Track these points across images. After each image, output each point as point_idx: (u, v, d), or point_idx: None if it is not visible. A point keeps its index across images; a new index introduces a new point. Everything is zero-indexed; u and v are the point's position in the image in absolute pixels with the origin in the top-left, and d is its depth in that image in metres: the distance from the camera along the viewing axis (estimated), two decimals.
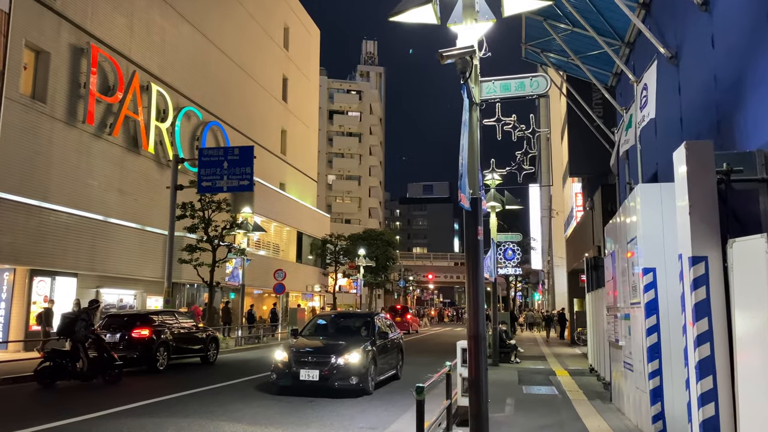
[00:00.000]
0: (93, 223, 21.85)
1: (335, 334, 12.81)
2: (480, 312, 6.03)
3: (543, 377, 14.39)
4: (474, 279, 6.06)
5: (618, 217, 9.13)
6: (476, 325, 5.97)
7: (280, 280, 27.38)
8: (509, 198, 17.67)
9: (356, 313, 15.16)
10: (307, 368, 10.96)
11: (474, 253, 6.11)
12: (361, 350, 11.35)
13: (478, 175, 6.25)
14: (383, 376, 12.46)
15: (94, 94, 22.05)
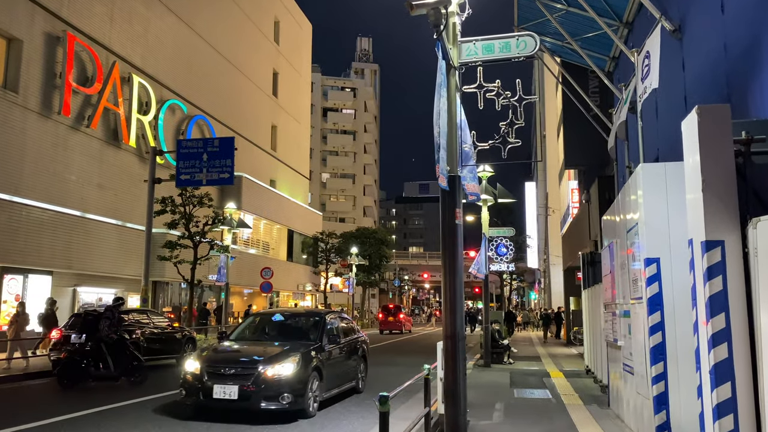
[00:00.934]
0: (69, 218, 20.96)
1: (273, 338, 10.21)
2: (458, 308, 5.21)
3: (536, 379, 13.56)
4: (450, 270, 5.25)
5: (617, 204, 8.31)
6: (453, 324, 5.15)
7: (267, 278, 26.51)
8: (502, 191, 16.85)
9: (303, 312, 12.17)
10: (223, 383, 8.38)
11: (451, 240, 5.29)
12: (298, 358, 8.75)
13: (458, 150, 5.41)
14: (335, 390, 10.05)
15: (70, 85, 21.17)
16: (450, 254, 5.20)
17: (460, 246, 5.25)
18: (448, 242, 5.22)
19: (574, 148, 17.32)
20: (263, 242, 37.51)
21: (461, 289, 5.22)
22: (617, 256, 8.29)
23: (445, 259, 5.21)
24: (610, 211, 9.19)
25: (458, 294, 5.16)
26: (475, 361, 17.07)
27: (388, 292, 74.48)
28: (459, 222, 5.24)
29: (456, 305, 5.15)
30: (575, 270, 26.58)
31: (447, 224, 5.23)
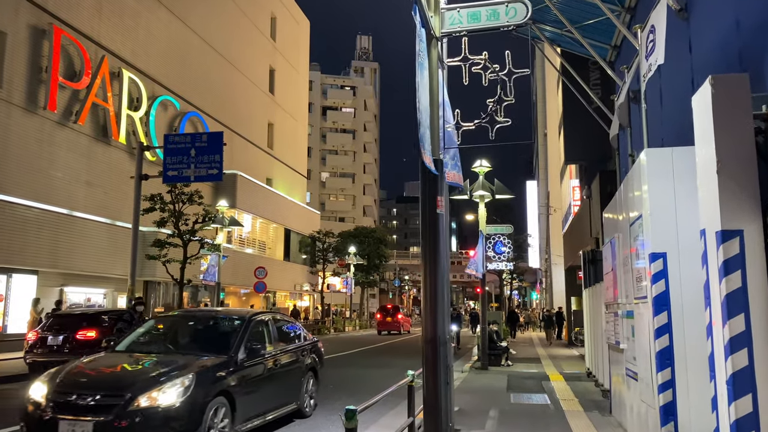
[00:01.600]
0: (56, 216, 20.39)
1: (174, 349, 7.66)
2: (439, 308, 4.61)
3: (535, 383, 12.95)
4: (431, 266, 4.65)
5: (619, 196, 7.70)
6: (434, 326, 4.55)
7: (261, 278, 25.95)
8: (500, 187, 16.24)
9: (221, 313, 8.94)
10: (74, 416, 5.81)
11: (432, 232, 4.69)
12: (190, 380, 6.22)
13: (440, 131, 4.81)
14: (258, 421, 7.41)
15: (57, 79, 20.60)
16: (431, 248, 4.60)
17: (443, 238, 4.65)
18: (428, 234, 4.63)
19: (574, 142, 16.70)
20: (259, 241, 36.91)
21: (444, 287, 4.62)
22: (619, 252, 7.69)
23: (426, 253, 4.62)
24: (611, 205, 8.59)
25: (440, 292, 4.56)
26: (471, 364, 16.46)
27: (388, 292, 73.90)
28: (441, 212, 4.65)
29: (438, 305, 4.55)
30: (576, 269, 25.94)
31: (428, 214, 4.64)
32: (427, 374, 4.49)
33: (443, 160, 4.70)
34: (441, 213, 4.65)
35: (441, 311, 4.56)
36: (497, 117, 4.94)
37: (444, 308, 4.59)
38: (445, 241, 4.64)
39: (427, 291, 4.57)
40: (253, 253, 35.32)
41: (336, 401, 10.39)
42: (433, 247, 4.60)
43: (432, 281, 4.55)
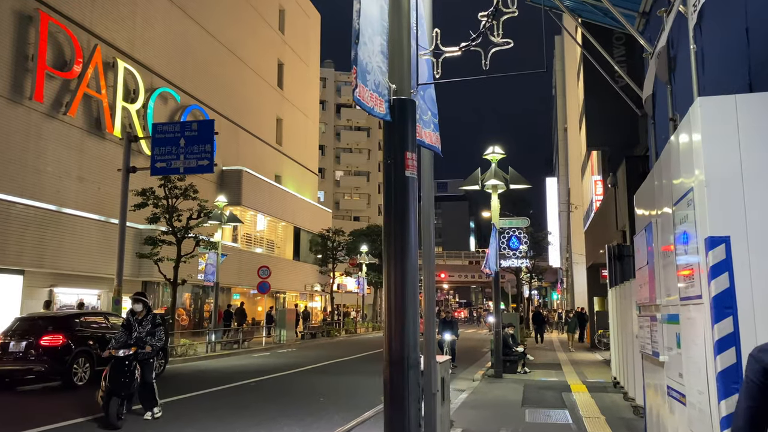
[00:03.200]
0: (43, 213, 19.25)
1: None
2: (409, 315, 3.16)
3: (555, 395, 11.41)
4: (397, 252, 3.21)
5: (657, 170, 6.17)
6: (400, 341, 3.12)
7: (264, 278, 24.64)
8: (514, 175, 14.71)
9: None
10: None
11: (399, 202, 3.25)
12: None
13: (411, 59, 3.34)
14: None
15: (44, 68, 19.47)
16: (397, 226, 3.17)
17: (411, 214, 3.21)
18: (394, 205, 3.19)
19: (597, 125, 15.09)
20: (267, 240, 35.67)
21: (414, 284, 3.17)
22: (658, 241, 6.16)
23: (390, 235, 3.18)
24: (646, 185, 7.06)
25: (409, 291, 3.12)
26: (484, 371, 14.95)
27: None
28: (412, 174, 3.21)
29: (406, 311, 3.11)
30: (600, 267, 24.25)
31: (392, 177, 3.20)
32: (391, 413, 3.05)
33: (415, 100, 3.25)
34: (411, 176, 3.21)
35: (410, 320, 3.11)
36: (493, 36, 3.50)
37: (414, 316, 3.14)
38: (411, 217, 3.20)
39: (392, 290, 3.14)
40: (261, 253, 34.08)
41: (321, 419, 8.96)
42: (399, 226, 3.16)
43: (398, 276, 3.12)
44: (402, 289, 3.09)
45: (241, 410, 9.73)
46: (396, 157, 3.16)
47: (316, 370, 16.19)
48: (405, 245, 3.13)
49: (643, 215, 7.21)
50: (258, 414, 9.38)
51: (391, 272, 3.14)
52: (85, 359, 11.89)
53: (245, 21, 34.14)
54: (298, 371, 15.70)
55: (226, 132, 31.23)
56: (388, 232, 3.21)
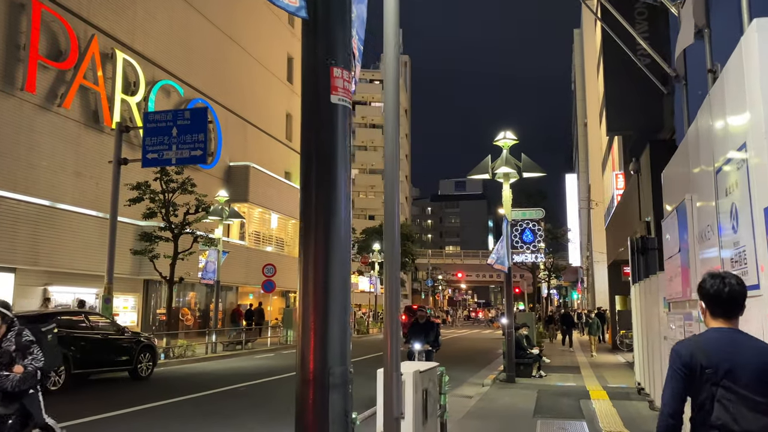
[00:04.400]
0: (36, 209, 18.50)
1: None
2: (331, 314, 2.12)
3: (571, 402, 10.27)
4: (320, 225, 2.19)
5: (693, 132, 5.06)
6: (319, 351, 2.08)
7: (269, 276, 23.74)
8: (528, 163, 13.57)
9: None
10: None
11: (324, 144, 2.19)
12: None
13: None
14: None
15: (36, 58, 18.73)
16: (317, 183, 2.12)
17: (342, 162, 2.16)
18: (315, 151, 2.14)
19: (618, 108, 13.85)
20: (276, 238, 34.81)
21: (343, 270, 2.12)
22: (694, 220, 5.04)
23: (308, 195, 2.13)
24: (678, 156, 5.95)
25: (334, 280, 2.08)
26: (496, 375, 13.82)
27: (420, 293, 71.25)
28: (343, 100, 2.15)
29: (329, 306, 2.07)
30: (621, 264, 22.96)
31: (311, 105, 2.15)
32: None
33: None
34: (342, 104, 2.16)
35: (335, 320, 2.06)
36: None
37: (340, 315, 2.09)
38: (342, 177, 2.15)
39: (308, 278, 2.09)
40: (271, 251, 33.22)
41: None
42: (320, 185, 2.12)
43: (318, 258, 2.07)
44: (323, 276, 2.05)
45: (219, 419, 8.75)
46: (316, 74, 2.13)
47: None
48: (330, 211, 2.10)
49: (674, 194, 6.08)
50: (232, 425, 8.40)
51: (309, 251, 2.10)
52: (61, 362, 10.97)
53: (253, 13, 33.29)
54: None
55: (233, 127, 30.44)
56: (305, 187, 2.17)
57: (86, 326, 12.23)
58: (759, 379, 2.34)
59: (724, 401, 2.35)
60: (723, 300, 2.49)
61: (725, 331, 2.48)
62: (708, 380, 2.39)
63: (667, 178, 6.53)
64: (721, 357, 2.39)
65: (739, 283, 2.53)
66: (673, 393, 2.46)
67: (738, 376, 2.35)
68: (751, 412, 2.32)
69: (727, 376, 2.36)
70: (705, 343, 2.46)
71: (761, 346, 2.47)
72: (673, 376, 2.47)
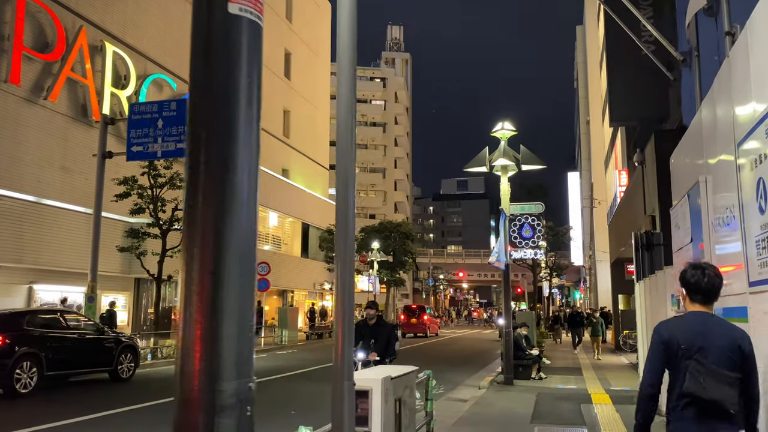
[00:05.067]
0: (21, 204, 17.97)
1: None
2: (223, 311, 1.48)
3: (572, 407, 9.66)
4: (210, 184, 1.53)
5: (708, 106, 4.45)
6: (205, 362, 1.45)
7: (263, 274, 23.13)
8: (527, 155, 12.96)
9: None
10: None
11: (216, 83, 1.57)
12: None
13: None
14: None
15: (20, 48, 18.16)
16: (212, 131, 1.53)
17: (250, 104, 1.57)
18: (202, 77, 1.55)
19: (621, 97, 13.21)
20: (273, 236, 34.21)
21: (247, 253, 1.52)
22: (708, 205, 4.43)
23: (197, 149, 1.53)
24: (689, 136, 5.35)
25: (230, 268, 1.48)
26: (493, 377, 13.21)
27: (422, 292, 70.64)
28: (249, 13, 1.56)
29: (221, 300, 1.47)
30: (625, 262, 22.33)
31: (202, 16, 1.55)
32: None
33: None
34: (249, 17, 1.56)
35: (230, 320, 1.46)
36: None
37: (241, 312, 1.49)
38: (257, 104, 1.56)
39: (193, 264, 1.49)
40: (267, 250, 32.63)
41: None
42: (221, 135, 1.52)
43: (206, 235, 1.48)
44: (214, 259, 1.45)
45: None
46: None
47: (306, 375, 14.59)
48: (226, 169, 1.50)
49: (684, 179, 5.47)
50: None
51: (197, 227, 1.50)
52: (32, 363, 10.40)
53: None
54: (286, 376, 14.13)
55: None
56: (192, 137, 1.57)
57: (62, 326, 11.65)
58: (724, 355, 2.70)
59: (695, 373, 2.69)
60: (702, 289, 2.85)
61: (700, 315, 2.85)
62: (683, 355, 2.74)
63: (676, 164, 5.92)
64: (695, 336, 2.75)
65: (717, 274, 2.88)
66: (653, 367, 2.84)
67: (708, 353, 2.71)
68: (717, 383, 2.66)
69: (699, 352, 2.72)
70: (683, 324, 2.85)
71: (728, 328, 2.84)
72: (653, 352, 2.86)
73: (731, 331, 2.80)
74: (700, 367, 2.69)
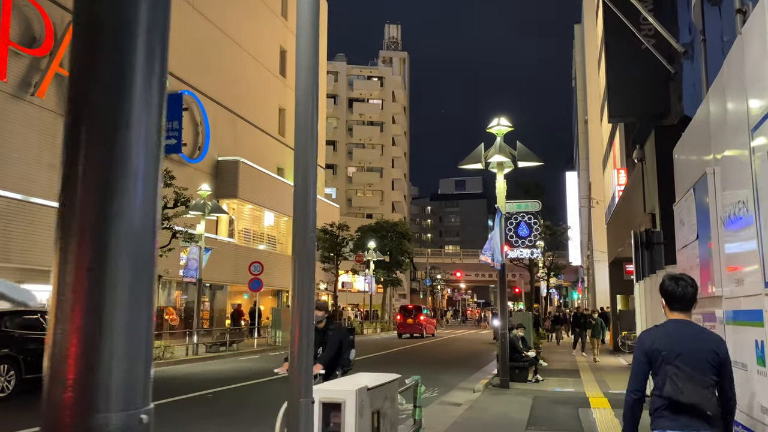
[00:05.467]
0: (7, 203, 17.60)
1: None
2: (103, 315, 1.10)
3: (569, 411, 9.31)
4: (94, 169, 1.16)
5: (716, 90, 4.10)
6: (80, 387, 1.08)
7: (256, 274, 22.75)
8: (523, 151, 12.59)
9: None
10: None
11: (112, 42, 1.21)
12: None
13: None
14: None
15: (6, 44, 17.79)
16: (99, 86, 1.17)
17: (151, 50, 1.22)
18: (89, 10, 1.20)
19: (621, 93, 12.81)
20: (268, 236, 33.85)
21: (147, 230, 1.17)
22: (716, 199, 4.08)
23: (78, 104, 1.18)
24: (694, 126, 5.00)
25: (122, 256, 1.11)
26: (489, 380, 12.85)
27: (419, 292, 70.26)
28: None
29: (102, 302, 1.11)
30: (623, 262, 22.01)
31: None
32: None
33: None
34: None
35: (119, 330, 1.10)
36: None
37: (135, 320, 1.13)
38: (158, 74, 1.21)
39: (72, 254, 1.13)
40: (262, 249, 32.27)
41: None
42: (109, 87, 1.17)
43: (90, 213, 1.13)
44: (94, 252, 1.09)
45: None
46: None
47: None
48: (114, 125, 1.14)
49: (689, 172, 5.12)
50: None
51: (75, 208, 1.15)
52: (9, 366, 10.04)
53: (244, 4, 32.34)
54: (275, 379, 13.75)
55: (222, 121, 29.52)
56: (71, 85, 1.22)
57: (43, 327, 11.25)
58: (701, 360, 2.90)
59: (674, 378, 2.90)
60: (678, 298, 3.06)
61: (680, 323, 3.05)
62: (663, 361, 2.94)
63: (679, 158, 5.58)
64: (675, 343, 2.95)
65: (692, 284, 3.08)
66: (636, 374, 3.06)
67: (686, 359, 2.91)
68: (694, 387, 2.87)
69: (678, 358, 2.91)
70: (664, 332, 3.06)
71: (704, 335, 3.07)
72: (636, 361, 3.08)
73: (707, 338, 3.05)
74: (678, 372, 2.90)
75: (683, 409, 2.89)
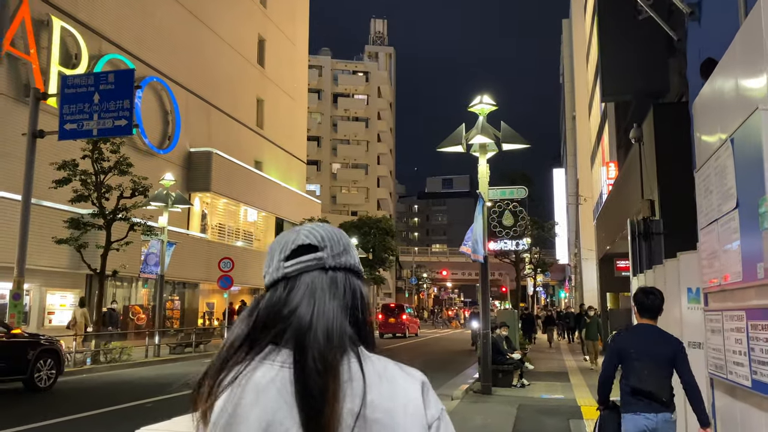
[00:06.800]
0: None
1: None
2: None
3: (559, 423, 8.10)
4: None
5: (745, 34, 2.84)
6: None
7: (226, 270, 21.35)
8: (508, 132, 11.38)
9: None
10: None
11: None
12: None
13: None
14: None
15: None
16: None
17: None
18: None
19: (614, 70, 11.60)
20: (243, 231, 32.44)
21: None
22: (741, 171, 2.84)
23: None
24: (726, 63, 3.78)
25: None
26: (468, 385, 11.62)
27: (405, 291, 69.08)
28: None
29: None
30: (614, 258, 20.88)
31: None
32: None
33: None
34: None
35: None
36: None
37: None
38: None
39: None
40: (237, 245, 30.85)
41: None
42: None
43: None
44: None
45: None
46: None
47: None
48: None
49: (720, 123, 3.90)
50: None
51: None
52: None
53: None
54: None
55: (195, 110, 28.08)
56: None
57: None
58: (662, 357, 3.74)
59: (638, 370, 3.74)
60: (647, 308, 3.92)
61: (647, 327, 3.91)
62: (630, 357, 3.79)
63: (703, 107, 4.36)
64: (641, 343, 3.82)
65: (660, 297, 3.95)
66: (608, 366, 4.00)
67: (650, 356, 3.75)
68: (654, 379, 3.70)
69: (642, 355, 3.76)
70: (634, 334, 3.98)
71: (666, 336, 3.89)
72: (610, 355, 4.00)
73: (669, 339, 3.86)
74: (642, 366, 3.73)
75: (645, 395, 3.68)
